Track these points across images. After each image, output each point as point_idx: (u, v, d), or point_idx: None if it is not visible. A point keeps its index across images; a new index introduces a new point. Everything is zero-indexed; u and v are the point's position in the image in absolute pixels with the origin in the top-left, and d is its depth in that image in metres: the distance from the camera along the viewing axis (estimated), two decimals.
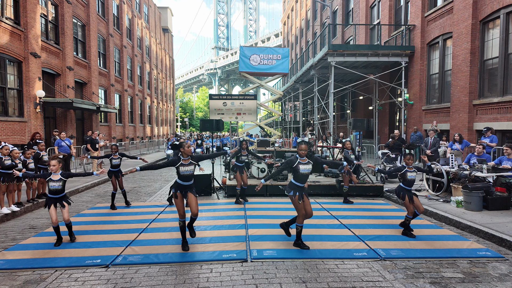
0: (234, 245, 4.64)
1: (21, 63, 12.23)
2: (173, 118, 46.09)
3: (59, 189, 4.66)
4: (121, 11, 23.56)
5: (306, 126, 21.41)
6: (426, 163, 5.42)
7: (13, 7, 12.04)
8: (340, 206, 7.21)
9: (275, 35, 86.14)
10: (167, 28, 39.12)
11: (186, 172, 4.42)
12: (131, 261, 4.09)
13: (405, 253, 4.34)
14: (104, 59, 20.69)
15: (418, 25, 13.51)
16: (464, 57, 10.89)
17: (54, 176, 4.65)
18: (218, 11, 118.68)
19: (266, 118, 32.57)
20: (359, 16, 18.84)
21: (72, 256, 4.26)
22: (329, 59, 13.19)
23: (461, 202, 6.44)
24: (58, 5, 14.99)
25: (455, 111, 11.36)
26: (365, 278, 3.66)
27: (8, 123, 11.48)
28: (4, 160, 6.20)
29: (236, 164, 7.39)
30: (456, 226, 5.61)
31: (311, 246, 4.56)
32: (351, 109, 19.78)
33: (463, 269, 3.92)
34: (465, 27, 10.84)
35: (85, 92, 17.79)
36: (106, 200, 7.90)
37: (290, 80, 21.87)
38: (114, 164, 6.83)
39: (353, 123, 9.87)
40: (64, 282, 3.59)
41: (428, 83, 13.34)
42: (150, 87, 31.47)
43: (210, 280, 3.62)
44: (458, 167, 7.50)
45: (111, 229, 5.50)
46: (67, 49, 15.27)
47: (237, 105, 12.28)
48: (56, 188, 4.63)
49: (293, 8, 36.96)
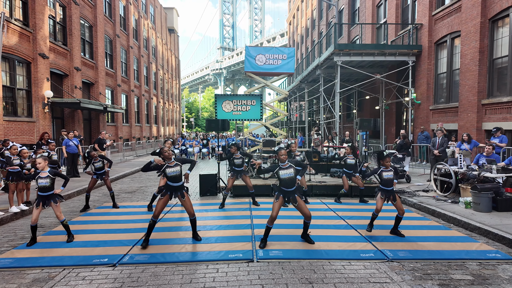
0: (240, 245, 4.64)
1: (29, 64, 12.39)
2: (179, 118, 46.31)
3: (47, 185, 4.71)
4: (127, 12, 23.74)
5: (311, 126, 21.34)
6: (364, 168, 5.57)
7: (22, 9, 12.21)
8: (346, 207, 7.16)
9: (280, 35, 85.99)
10: (173, 28, 39.31)
11: (173, 173, 4.59)
12: (137, 260, 4.11)
13: (413, 254, 4.30)
14: (111, 60, 20.87)
15: (425, 24, 13.36)
16: (473, 56, 10.75)
17: (42, 173, 4.73)
18: (223, 11, 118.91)
19: (272, 118, 32.53)
20: (366, 15, 18.71)
21: (80, 255, 4.29)
22: (335, 58, 13.12)
23: (470, 203, 6.35)
24: (66, 6, 15.16)
25: (463, 111, 11.22)
26: (372, 280, 3.62)
27: (17, 123, 11.65)
28: (13, 160, 6.29)
29: (233, 168, 7.07)
30: (464, 228, 5.53)
31: (318, 247, 4.54)
32: (357, 109, 19.66)
33: (472, 271, 3.86)
34: (473, 26, 10.69)
35: (92, 92, 17.96)
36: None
37: (295, 79, 21.81)
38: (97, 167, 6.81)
39: (360, 123, 9.80)
40: (72, 281, 3.62)
41: (436, 82, 13.20)
42: (156, 87, 31.66)
43: (216, 280, 3.62)
44: (467, 167, 7.39)
45: (118, 228, 5.53)
46: (74, 50, 15.43)
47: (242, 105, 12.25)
48: (44, 185, 4.69)
49: (298, 7, 36.85)
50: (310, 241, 4.70)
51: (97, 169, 6.81)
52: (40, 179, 4.71)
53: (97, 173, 6.80)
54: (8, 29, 11.07)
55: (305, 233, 4.76)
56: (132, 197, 8.43)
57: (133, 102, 24.24)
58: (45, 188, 4.71)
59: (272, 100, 19.98)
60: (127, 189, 9.66)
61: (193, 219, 4.81)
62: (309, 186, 8.39)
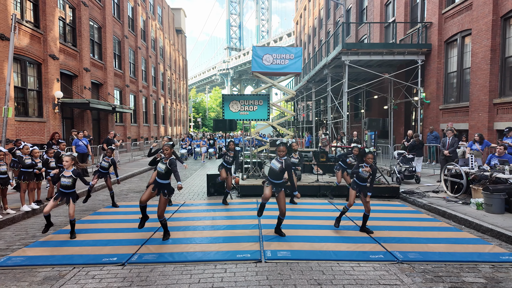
0: (248, 245, 4.63)
1: (40, 65, 12.59)
2: (186, 118, 46.56)
3: (69, 185, 4.92)
4: (135, 13, 23.95)
5: (319, 126, 21.22)
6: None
7: (33, 11, 12.41)
8: (355, 207, 7.07)
9: (287, 35, 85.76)
10: (180, 29, 39.55)
11: (160, 169, 4.80)
12: (146, 260, 4.13)
13: (424, 256, 4.23)
14: (120, 61, 21.07)
15: (435, 23, 13.18)
16: (484, 54, 10.56)
17: (66, 172, 4.93)
18: (230, 11, 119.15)
19: (279, 118, 32.47)
20: (374, 14, 18.54)
21: (89, 254, 4.34)
22: (343, 58, 13.03)
23: (481, 204, 6.23)
24: (75, 8, 15.35)
25: (474, 111, 11.03)
26: (382, 281, 3.58)
27: (28, 123, 11.84)
28: (25, 159, 6.39)
29: (222, 164, 7.24)
30: (476, 229, 5.43)
31: (326, 248, 4.50)
32: (365, 108, 19.49)
33: (485, 274, 3.78)
34: (485, 24, 10.50)
35: (101, 93, 18.16)
36: (122, 199, 8.05)
37: (303, 79, 21.72)
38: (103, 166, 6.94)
39: (368, 122, 9.70)
40: (82, 279, 3.66)
41: (446, 81, 13.00)
42: (164, 87, 31.87)
43: (225, 280, 3.62)
44: (478, 168, 7.26)
45: (127, 227, 5.58)
46: (84, 51, 15.62)
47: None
48: (66, 184, 4.90)
49: (305, 7, 36.72)
50: (282, 234, 5.00)
51: (102, 167, 6.90)
52: (63, 177, 4.90)
53: (102, 172, 6.91)
54: (20, 31, 11.25)
55: (278, 227, 5.08)
56: (140, 196, 8.47)
57: (141, 103, 24.45)
58: (67, 186, 4.90)
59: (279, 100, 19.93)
60: (135, 188, 9.74)
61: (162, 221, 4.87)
62: (316, 186, 8.34)
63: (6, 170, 6.11)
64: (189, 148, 19.37)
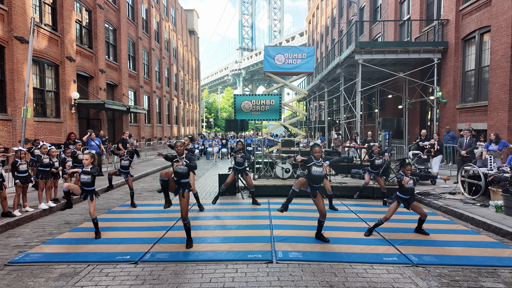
0: (259, 245, 4.62)
1: (58, 67, 12.94)
2: (199, 119, 46.94)
3: (88, 182, 4.99)
4: (149, 15, 24.31)
5: (331, 125, 21.02)
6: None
7: (51, 14, 12.76)
8: (368, 209, 6.98)
9: (299, 34, 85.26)
10: (193, 30, 39.92)
11: (179, 169, 4.53)
12: (158, 258, 4.18)
13: (439, 259, 4.12)
14: (134, 62, 21.43)
15: (452, 20, 12.83)
16: (504, 52, 10.21)
17: (85, 169, 5.00)
18: (242, 12, 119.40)
19: (291, 117, 32.32)
20: (388, 12, 18.21)
21: (104, 252, 4.42)
22: (356, 56, 12.85)
23: (501, 206, 6.02)
24: (92, 10, 15.71)
25: (493, 110, 10.68)
26: (396, 285, 3.50)
27: (46, 124, 12.19)
28: (43, 159, 6.58)
29: (234, 166, 7.12)
30: (495, 233, 5.25)
31: (338, 249, 4.44)
32: (379, 108, 19.16)
33: (505, 279, 3.65)
34: (504, 20, 10.15)
35: (116, 93, 18.52)
36: (136, 198, 8.16)
37: (315, 79, 21.55)
38: (124, 165, 7.03)
39: (382, 122, 9.54)
40: (96, 277, 3.73)
41: (463, 80, 12.64)
42: (177, 88, 32.24)
43: (236, 280, 3.62)
44: (498, 169, 7.02)
45: (140, 226, 5.66)
46: (99, 53, 15.96)
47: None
48: (86, 181, 4.98)
49: (318, 6, 36.42)
50: (325, 239, 4.70)
51: (123, 167, 7.02)
52: (83, 174, 4.98)
53: (123, 171, 7.02)
54: (38, 34, 11.59)
55: (319, 232, 4.76)
56: (154, 195, 8.60)
57: (154, 103, 24.80)
58: (86, 183, 4.99)
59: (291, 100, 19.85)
60: (149, 187, 9.87)
61: (186, 224, 4.56)
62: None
63: (26, 169, 6.30)
64: (202, 148, 19.52)
